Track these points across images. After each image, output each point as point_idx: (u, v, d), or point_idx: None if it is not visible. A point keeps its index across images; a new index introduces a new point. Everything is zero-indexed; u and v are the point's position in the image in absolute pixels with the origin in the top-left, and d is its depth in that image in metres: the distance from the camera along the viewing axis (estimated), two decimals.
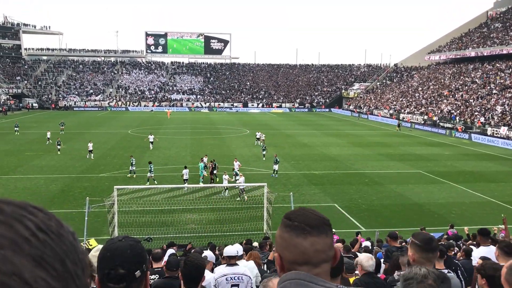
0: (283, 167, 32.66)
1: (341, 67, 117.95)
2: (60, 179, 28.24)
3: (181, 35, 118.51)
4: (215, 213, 21.16)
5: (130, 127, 57.37)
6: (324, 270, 1.48)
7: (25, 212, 0.49)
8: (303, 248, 1.45)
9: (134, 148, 39.71)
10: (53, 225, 0.51)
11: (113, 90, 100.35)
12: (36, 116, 73.02)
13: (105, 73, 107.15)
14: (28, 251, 0.45)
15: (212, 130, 56.05)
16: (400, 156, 38.02)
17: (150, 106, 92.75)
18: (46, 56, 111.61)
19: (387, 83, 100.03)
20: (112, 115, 77.09)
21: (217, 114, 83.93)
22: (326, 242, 1.48)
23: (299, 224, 1.48)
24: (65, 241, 0.50)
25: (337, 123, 69.29)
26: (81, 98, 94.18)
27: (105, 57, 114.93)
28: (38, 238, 0.47)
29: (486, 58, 76.73)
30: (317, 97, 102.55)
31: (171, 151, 38.73)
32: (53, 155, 36.38)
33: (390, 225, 19.68)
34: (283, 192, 23.64)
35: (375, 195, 25.45)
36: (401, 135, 54.98)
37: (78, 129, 54.00)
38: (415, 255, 3.60)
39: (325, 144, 44.80)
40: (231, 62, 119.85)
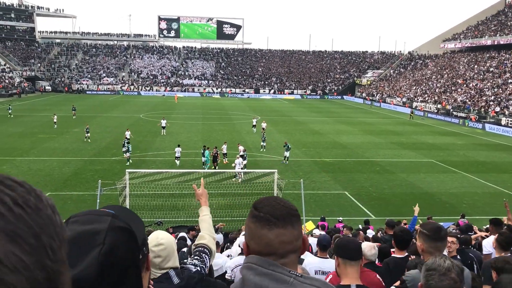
0: (294, 154, 32.60)
1: (355, 54, 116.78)
2: (73, 161, 28.53)
3: (193, 20, 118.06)
4: (226, 198, 21.25)
5: (142, 112, 57.60)
6: (291, 260, 1.46)
7: (3, 186, 0.49)
8: (268, 239, 1.44)
9: (146, 133, 39.90)
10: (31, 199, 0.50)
11: (126, 74, 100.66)
12: (49, 99, 73.62)
13: (118, 57, 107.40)
14: (2, 227, 0.46)
15: (223, 116, 56.05)
16: (412, 145, 37.74)
17: (162, 91, 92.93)
18: (60, 39, 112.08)
19: (401, 71, 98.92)
20: (124, 99, 77.42)
21: (228, 100, 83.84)
22: (292, 233, 1.46)
23: (265, 215, 1.46)
24: (42, 215, 0.50)
25: (349, 111, 68.85)
26: (94, 82, 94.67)
27: (118, 41, 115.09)
28: (14, 212, 0.47)
29: (502, 47, 75.36)
30: (330, 84, 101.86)
31: (182, 136, 38.86)
32: (66, 138, 36.73)
33: (401, 214, 19.59)
34: (294, 179, 23.64)
35: (386, 184, 25.35)
36: (413, 123, 54.49)
37: (90, 112, 54.34)
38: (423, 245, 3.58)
39: (336, 131, 44.60)
40: (243, 48, 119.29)
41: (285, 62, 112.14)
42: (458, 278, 2.60)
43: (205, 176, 25.05)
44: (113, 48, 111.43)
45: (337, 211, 20.33)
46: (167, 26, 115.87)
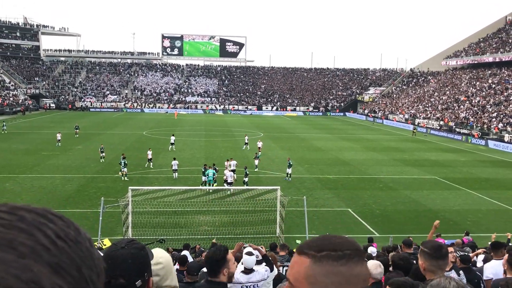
0: (297, 170, 32.58)
1: (356, 71, 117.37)
2: (76, 179, 28.57)
3: (196, 38, 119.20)
4: (228, 215, 21.20)
5: (145, 129, 57.82)
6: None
7: (45, 220, 0.51)
8: (364, 275, 1.20)
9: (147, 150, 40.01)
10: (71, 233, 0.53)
11: (129, 91, 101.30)
12: (53, 117, 74.05)
13: (121, 75, 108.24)
14: (47, 259, 0.48)
15: (226, 132, 56.19)
16: (415, 162, 37.67)
17: (165, 108, 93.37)
18: (64, 57, 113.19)
19: (403, 87, 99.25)
20: (128, 116, 77.80)
21: (231, 117, 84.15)
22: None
23: (352, 250, 1.20)
24: (82, 248, 0.52)
25: (352, 127, 68.94)
26: (98, 99, 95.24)
27: (122, 59, 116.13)
28: (57, 245, 0.49)
29: (504, 64, 75.68)
30: (332, 101, 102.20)
31: (185, 153, 38.93)
32: (69, 155, 36.84)
33: (404, 231, 19.49)
34: (297, 196, 23.59)
35: (389, 201, 25.25)
36: (416, 140, 54.47)
37: (94, 129, 54.59)
38: (425, 263, 3.57)
39: (339, 148, 44.60)
40: (246, 65, 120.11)
41: (288, 79, 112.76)
42: None
43: (208, 193, 25.02)
44: (117, 66, 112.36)
45: (340, 228, 20.23)
46: (171, 44, 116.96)
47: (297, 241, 18.46)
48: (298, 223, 20.12)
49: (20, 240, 0.47)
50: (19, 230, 0.48)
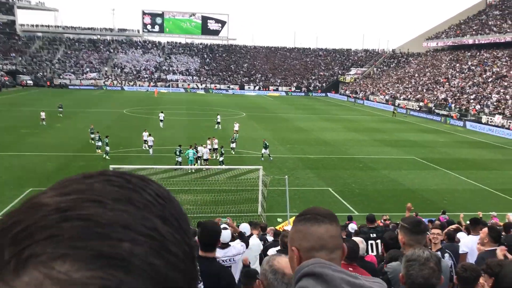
0: (279, 150, 32.82)
1: (339, 51, 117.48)
2: (56, 157, 28.26)
3: (178, 15, 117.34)
4: (210, 194, 21.32)
5: (126, 107, 57.20)
6: (338, 256, 1.63)
7: (145, 182, 0.60)
8: (319, 234, 1.62)
9: (130, 128, 39.70)
10: (164, 192, 0.61)
11: (109, 69, 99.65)
12: (31, 94, 72.57)
13: (101, 52, 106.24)
14: (156, 212, 0.56)
15: (208, 112, 55.97)
16: (395, 142, 38.26)
17: (145, 86, 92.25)
18: (41, 33, 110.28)
19: (384, 68, 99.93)
20: (108, 94, 76.72)
21: (213, 96, 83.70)
22: (337, 230, 1.66)
23: (312, 215, 1.66)
24: (175, 204, 0.61)
25: (333, 108, 69.36)
26: (77, 76, 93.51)
27: (101, 35, 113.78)
28: (159, 202, 0.58)
29: (483, 46, 76.71)
30: (314, 81, 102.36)
31: (167, 132, 38.75)
32: (49, 133, 36.33)
33: (383, 210, 19.94)
34: (278, 175, 23.81)
35: (368, 180, 25.70)
36: (396, 121, 55.18)
37: (73, 108, 53.72)
38: (404, 238, 3.75)
39: (320, 128, 44.94)
40: (228, 44, 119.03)
41: (270, 59, 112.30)
42: (437, 267, 2.77)
43: (191, 173, 25.08)
44: (96, 42, 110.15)
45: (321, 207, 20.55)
46: (151, 21, 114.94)
47: (278, 219, 18.76)
48: (280, 202, 20.38)
49: (133, 197, 0.56)
50: (130, 190, 0.57)
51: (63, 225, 0.50)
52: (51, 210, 0.52)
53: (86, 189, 0.55)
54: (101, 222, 0.51)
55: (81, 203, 0.53)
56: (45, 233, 0.50)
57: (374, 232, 9.34)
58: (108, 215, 0.52)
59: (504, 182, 26.33)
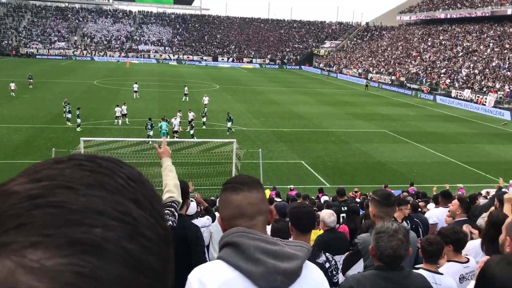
0: (253, 123, 32.81)
1: (313, 23, 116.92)
2: (24, 129, 27.54)
3: None
4: (184, 167, 21.20)
5: (96, 78, 55.87)
6: (259, 222, 1.70)
7: (116, 165, 0.59)
8: (237, 202, 1.69)
9: (100, 100, 38.90)
10: (137, 175, 0.61)
11: (78, 38, 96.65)
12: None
13: (70, 20, 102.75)
14: (128, 196, 0.56)
15: (180, 83, 55.19)
16: (367, 116, 38.74)
17: (116, 56, 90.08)
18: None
19: (358, 42, 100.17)
20: (77, 65, 74.63)
21: (186, 67, 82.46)
22: (257, 196, 1.72)
23: (231, 184, 1.75)
24: (147, 186, 0.61)
25: (307, 81, 69.44)
26: (44, 46, 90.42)
27: (69, 3, 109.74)
28: (131, 185, 0.58)
29: (455, 21, 77.59)
30: (288, 53, 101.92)
31: (138, 103, 38.12)
32: (16, 104, 35.27)
33: (354, 182, 20.32)
34: (252, 149, 23.88)
35: (340, 153, 26.06)
36: (368, 94, 55.75)
37: (42, 78, 52.08)
38: (375, 210, 3.84)
39: (294, 102, 45.03)
40: (201, 14, 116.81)
41: (244, 30, 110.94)
42: (405, 239, 2.85)
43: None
44: (64, 10, 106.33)
45: (293, 179, 20.81)
46: None
47: None
48: (253, 175, 20.32)
49: (106, 181, 0.56)
50: (102, 174, 0.56)
51: (34, 212, 0.50)
52: (21, 198, 0.52)
53: (57, 175, 0.55)
54: (72, 208, 0.51)
55: (52, 190, 0.52)
56: (16, 222, 0.49)
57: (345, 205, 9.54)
58: (80, 201, 0.52)
59: (470, 155, 27.13)
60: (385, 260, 2.85)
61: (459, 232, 4.32)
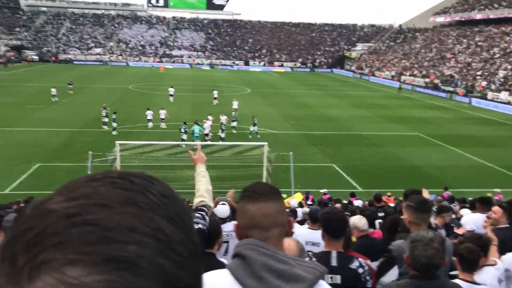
0: (284, 127, 32.89)
1: (345, 26, 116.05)
2: (62, 132, 28.49)
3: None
4: (216, 170, 21.46)
5: (131, 83, 57.15)
6: (274, 235, 1.65)
7: (148, 182, 0.62)
8: (251, 212, 1.65)
9: (135, 104, 39.79)
10: (168, 191, 0.63)
11: (114, 44, 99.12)
12: (37, 69, 72.51)
13: (106, 27, 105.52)
14: (160, 213, 0.58)
15: (214, 88, 55.80)
16: (400, 119, 38.18)
17: (150, 62, 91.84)
18: (46, 8, 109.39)
19: (390, 44, 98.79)
20: (113, 70, 76.53)
21: (218, 72, 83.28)
22: (274, 208, 1.67)
23: (249, 192, 1.70)
24: (178, 202, 0.63)
25: (338, 84, 68.97)
26: (82, 52, 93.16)
27: (106, 10, 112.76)
28: (163, 201, 0.60)
29: (491, 21, 75.45)
30: (319, 57, 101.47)
31: (172, 107, 38.76)
32: (55, 109, 36.51)
33: (387, 186, 20.09)
34: (283, 152, 23.94)
35: (373, 157, 25.80)
36: (401, 97, 54.89)
37: (79, 83, 53.65)
38: (410, 217, 3.81)
39: (325, 105, 44.84)
40: (233, 19, 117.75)
41: (275, 34, 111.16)
42: (441, 247, 2.85)
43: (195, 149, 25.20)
44: (101, 17, 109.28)
45: (324, 183, 20.74)
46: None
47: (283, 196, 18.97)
48: (284, 178, 20.57)
49: (138, 198, 0.58)
50: (134, 191, 0.59)
51: (72, 231, 0.52)
52: (59, 216, 0.54)
53: (92, 193, 0.57)
54: (107, 226, 0.53)
55: (88, 208, 0.55)
56: (55, 240, 0.52)
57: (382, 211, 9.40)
58: (115, 218, 0.54)
59: (508, 159, 26.34)
60: (420, 269, 2.84)
61: (482, 237, 4.31)
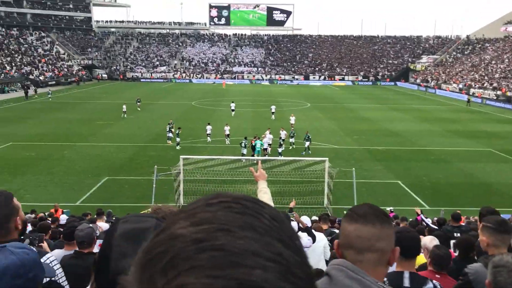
0: (345, 142, 32.27)
1: (408, 38, 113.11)
2: (129, 147, 29.60)
3: (243, 7, 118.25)
4: (276, 185, 21.36)
5: (194, 99, 58.65)
6: (368, 259, 1.57)
7: (259, 205, 0.64)
8: (347, 232, 1.63)
9: (197, 120, 40.68)
10: (277, 214, 0.65)
11: (178, 62, 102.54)
12: (106, 87, 76.38)
13: (170, 45, 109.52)
14: (275, 236, 0.60)
15: (273, 103, 56.04)
16: (470, 133, 36.32)
17: (212, 78, 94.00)
18: (115, 28, 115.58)
19: (458, 56, 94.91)
20: (177, 87, 79.05)
21: (277, 87, 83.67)
22: (372, 232, 1.58)
23: (351, 212, 1.68)
24: (287, 224, 0.65)
25: (403, 98, 66.99)
26: (147, 70, 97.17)
27: (170, 29, 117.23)
28: (275, 225, 0.62)
29: None
30: (382, 70, 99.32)
31: (232, 123, 39.24)
32: (122, 125, 38.10)
33: (457, 205, 19.02)
34: (345, 168, 23.40)
35: (441, 173, 24.61)
36: (471, 111, 52.32)
37: (144, 100, 55.83)
38: (489, 239, 3.52)
39: (389, 119, 43.60)
40: (293, 34, 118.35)
41: (336, 48, 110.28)
42: None
43: (255, 163, 25.26)
44: (166, 36, 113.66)
45: (389, 200, 19.99)
46: (218, 13, 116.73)
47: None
48: (347, 195, 20.06)
49: (254, 223, 0.60)
50: (250, 215, 0.61)
51: (201, 256, 0.56)
52: (188, 242, 0.58)
53: (213, 218, 0.61)
54: (233, 251, 0.56)
55: (212, 233, 0.58)
56: (188, 264, 0.56)
57: (459, 232, 8.75)
58: (238, 243, 0.57)
59: None
60: None
61: None
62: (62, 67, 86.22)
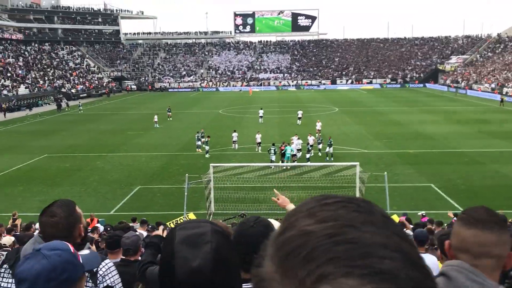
0: (375, 146, 31.88)
1: (437, 39, 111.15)
2: (159, 156, 30.01)
3: (267, 14, 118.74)
4: (306, 191, 21.27)
5: (221, 107, 59.08)
6: (484, 265, 1.57)
7: (369, 205, 0.71)
8: (463, 236, 1.62)
9: (225, 128, 40.91)
10: (384, 211, 0.71)
11: (204, 71, 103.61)
12: (135, 98, 77.80)
13: (197, 55, 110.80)
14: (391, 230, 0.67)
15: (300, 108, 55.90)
16: (504, 134, 35.32)
17: (238, 86, 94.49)
18: (142, 40, 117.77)
19: (489, 55, 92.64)
20: (204, 96, 79.83)
21: (304, 92, 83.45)
22: (490, 238, 1.58)
23: (466, 216, 1.67)
24: (393, 221, 0.70)
25: (433, 99, 65.77)
26: (175, 80, 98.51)
27: (196, 39, 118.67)
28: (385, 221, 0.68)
29: None
30: (411, 72, 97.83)
31: (260, 129, 39.32)
32: (152, 134, 38.70)
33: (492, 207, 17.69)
34: (376, 172, 23.12)
35: (475, 175, 23.99)
36: (504, 111, 50.90)
37: (173, 109, 56.51)
38: None
39: (419, 121, 42.85)
40: (318, 39, 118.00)
41: (363, 51, 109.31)
42: None
43: (285, 170, 25.23)
44: (192, 46, 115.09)
45: (422, 204, 19.63)
46: (243, 21, 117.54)
47: None
48: (379, 199, 19.75)
49: (373, 220, 0.67)
50: (365, 213, 0.68)
51: (338, 248, 0.62)
52: (321, 236, 0.64)
53: (336, 216, 0.66)
54: (365, 243, 0.62)
55: (341, 229, 0.64)
56: (327, 256, 0.62)
57: None
58: (366, 237, 0.63)
59: None
60: None
61: None
62: (92, 79, 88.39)
